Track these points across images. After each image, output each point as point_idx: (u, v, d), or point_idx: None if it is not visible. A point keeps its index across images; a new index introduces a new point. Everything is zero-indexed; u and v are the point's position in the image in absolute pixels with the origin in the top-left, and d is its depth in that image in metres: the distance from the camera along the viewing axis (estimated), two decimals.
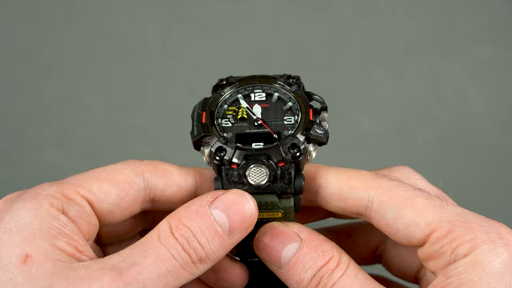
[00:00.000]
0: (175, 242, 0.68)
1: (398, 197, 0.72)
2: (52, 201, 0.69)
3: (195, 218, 0.69)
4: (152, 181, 0.75)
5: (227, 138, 0.75)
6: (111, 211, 0.74)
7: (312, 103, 0.76)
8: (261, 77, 0.79)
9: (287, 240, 0.72)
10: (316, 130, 0.74)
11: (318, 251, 0.71)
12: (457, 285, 0.67)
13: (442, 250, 0.70)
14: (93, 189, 0.72)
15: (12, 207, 0.69)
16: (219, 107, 0.77)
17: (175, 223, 0.69)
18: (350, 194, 0.74)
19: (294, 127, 0.76)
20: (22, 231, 0.67)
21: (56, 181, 0.73)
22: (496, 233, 0.69)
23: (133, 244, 0.70)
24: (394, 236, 0.73)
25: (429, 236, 0.70)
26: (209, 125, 0.76)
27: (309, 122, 0.75)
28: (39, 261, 0.66)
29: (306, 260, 0.71)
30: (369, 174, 0.75)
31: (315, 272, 0.71)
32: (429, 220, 0.70)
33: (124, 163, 0.75)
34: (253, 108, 0.77)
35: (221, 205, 0.70)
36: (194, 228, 0.69)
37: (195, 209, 0.70)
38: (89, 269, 0.66)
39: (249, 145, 0.75)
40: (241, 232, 0.71)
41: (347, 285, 0.70)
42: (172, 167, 0.77)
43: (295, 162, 0.73)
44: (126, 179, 0.74)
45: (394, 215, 0.72)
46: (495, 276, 0.67)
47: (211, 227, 0.69)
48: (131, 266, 0.66)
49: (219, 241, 0.69)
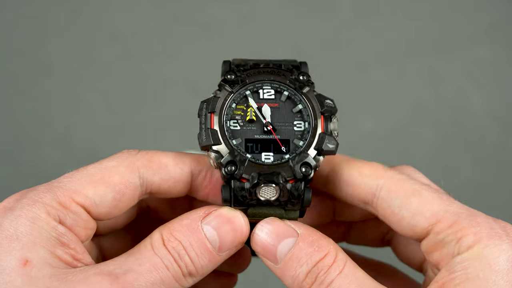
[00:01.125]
0: (167, 253, 0.69)
1: (406, 188, 0.72)
2: (49, 210, 0.69)
3: (187, 232, 0.70)
4: (148, 177, 0.75)
5: (236, 149, 0.74)
6: (108, 213, 0.74)
7: (324, 110, 0.74)
8: (271, 70, 0.76)
9: (283, 234, 0.72)
10: (328, 145, 0.73)
11: (314, 246, 0.71)
12: (461, 280, 0.67)
13: (446, 240, 0.69)
14: (89, 195, 0.71)
15: (11, 214, 0.69)
16: (228, 108, 0.75)
17: (167, 235, 0.70)
18: (359, 181, 0.74)
19: (304, 137, 0.74)
20: (22, 238, 0.67)
21: (52, 182, 0.72)
22: (502, 230, 0.69)
23: (126, 252, 0.70)
24: (399, 225, 0.72)
25: (434, 226, 0.70)
26: (218, 131, 0.74)
27: (320, 135, 0.73)
28: (38, 266, 0.67)
29: (302, 255, 0.70)
30: (380, 165, 0.75)
31: (310, 267, 0.70)
32: (435, 210, 0.70)
33: (119, 158, 0.74)
34: (262, 108, 0.76)
35: (213, 221, 0.71)
36: (185, 242, 0.70)
37: (187, 223, 0.70)
38: (86, 273, 0.67)
39: (259, 154, 0.74)
40: (231, 249, 0.72)
41: (345, 284, 0.70)
42: (167, 158, 0.76)
43: (306, 179, 0.73)
44: (121, 180, 0.73)
45: (401, 203, 0.71)
46: (502, 274, 0.66)
47: (201, 242, 0.70)
48: (126, 272, 0.67)
49: (209, 257, 0.70)
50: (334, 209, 0.84)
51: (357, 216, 0.84)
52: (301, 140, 0.74)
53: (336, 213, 0.84)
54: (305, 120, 0.75)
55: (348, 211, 0.84)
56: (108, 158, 0.75)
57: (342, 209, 0.84)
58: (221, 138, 0.74)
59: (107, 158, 0.75)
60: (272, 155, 0.74)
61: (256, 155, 0.74)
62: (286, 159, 0.73)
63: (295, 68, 0.77)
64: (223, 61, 0.77)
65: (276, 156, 0.74)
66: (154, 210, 0.84)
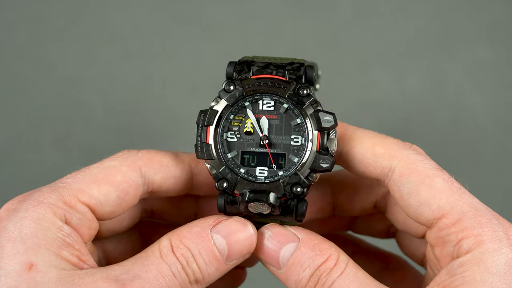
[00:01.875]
0: (175, 260, 0.69)
1: (418, 173, 0.71)
2: (55, 210, 0.69)
3: (196, 240, 0.70)
4: (149, 176, 0.75)
5: (230, 164, 0.74)
6: (112, 212, 0.74)
7: (320, 127, 0.74)
8: (271, 83, 0.75)
9: (285, 240, 0.72)
10: (322, 165, 0.73)
11: (316, 250, 0.71)
12: (460, 283, 0.67)
13: (447, 238, 0.70)
14: (94, 194, 0.72)
15: (16, 216, 0.69)
16: (225, 121, 0.76)
17: (176, 242, 0.70)
18: (372, 161, 0.73)
19: (299, 154, 0.74)
20: (26, 240, 0.67)
21: (55, 183, 0.73)
22: (504, 232, 0.69)
23: (133, 256, 0.71)
24: (406, 210, 0.73)
25: (438, 221, 0.70)
26: (212, 146, 0.75)
27: (315, 154, 0.73)
28: (44, 270, 0.67)
29: (304, 259, 0.71)
30: (395, 142, 0.74)
31: (313, 271, 0.71)
32: (442, 204, 0.70)
33: (120, 157, 0.75)
34: (260, 120, 0.76)
35: (222, 230, 0.71)
36: (194, 250, 0.70)
37: (197, 231, 0.71)
38: (93, 277, 0.67)
39: (254, 168, 0.74)
40: (239, 258, 0.72)
41: (346, 284, 0.70)
42: (168, 158, 0.77)
43: (298, 198, 0.73)
44: (124, 179, 0.74)
45: (410, 190, 0.71)
46: (499, 277, 0.67)
47: (210, 250, 0.70)
48: (134, 279, 0.68)
49: (216, 265, 0.71)
50: (334, 205, 0.84)
51: (356, 212, 0.84)
52: (296, 156, 0.74)
53: (336, 209, 0.85)
54: (302, 135, 0.75)
55: (347, 207, 0.84)
56: (110, 158, 0.75)
57: (342, 205, 0.84)
58: (214, 153, 0.75)
59: (109, 157, 0.75)
60: (267, 169, 0.75)
61: (250, 169, 0.75)
62: (278, 177, 0.74)
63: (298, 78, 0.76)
64: (229, 62, 0.77)
65: (270, 171, 0.74)
66: (159, 213, 0.85)
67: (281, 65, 0.76)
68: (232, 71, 0.76)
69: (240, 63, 0.77)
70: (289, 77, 0.76)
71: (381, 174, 0.73)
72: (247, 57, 0.78)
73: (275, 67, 0.76)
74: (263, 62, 0.76)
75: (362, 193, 0.83)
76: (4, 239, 0.68)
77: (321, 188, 0.84)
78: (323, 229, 0.87)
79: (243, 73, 0.76)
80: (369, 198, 0.83)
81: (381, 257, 0.92)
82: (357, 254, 0.90)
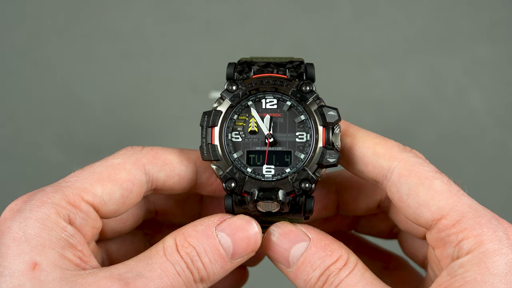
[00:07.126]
0: (180, 259, 0.69)
1: (418, 175, 0.71)
2: (59, 210, 0.69)
3: (201, 238, 0.70)
4: (153, 174, 0.75)
5: (237, 164, 0.74)
6: (116, 210, 0.74)
7: (325, 123, 0.74)
8: (273, 81, 0.76)
9: (295, 239, 0.72)
10: (329, 160, 0.73)
11: (327, 251, 0.71)
12: (461, 284, 0.67)
13: (447, 239, 0.69)
14: (98, 193, 0.72)
15: (20, 216, 0.69)
16: (229, 121, 0.75)
17: (181, 240, 0.70)
18: (373, 160, 0.73)
19: (305, 150, 0.74)
20: (31, 240, 0.67)
21: (59, 182, 0.72)
22: (504, 232, 0.69)
23: (137, 256, 0.70)
24: (404, 212, 0.72)
25: (438, 222, 0.70)
26: (218, 146, 0.75)
27: (321, 150, 0.74)
28: (48, 269, 0.67)
29: (315, 259, 0.71)
30: (396, 145, 0.74)
31: (323, 271, 0.71)
32: (441, 205, 0.70)
33: (124, 155, 0.74)
34: (264, 118, 0.76)
35: (227, 228, 0.71)
36: (199, 248, 0.70)
37: (201, 229, 0.71)
38: (96, 276, 0.67)
39: (260, 167, 0.74)
40: (244, 256, 0.72)
41: (353, 283, 0.70)
42: (172, 155, 0.76)
43: (306, 193, 0.74)
44: (128, 177, 0.73)
45: (409, 191, 0.71)
46: (499, 277, 0.67)
47: (215, 249, 0.70)
48: (137, 278, 0.67)
49: (221, 264, 0.71)
50: (338, 204, 0.84)
51: (360, 211, 0.84)
52: (302, 153, 0.75)
53: (340, 207, 0.85)
54: (307, 132, 0.75)
55: (352, 206, 0.84)
56: (113, 156, 0.75)
57: (346, 204, 0.84)
58: (220, 153, 0.74)
59: (112, 155, 0.75)
60: (274, 167, 0.75)
61: (257, 168, 0.75)
62: (286, 174, 0.74)
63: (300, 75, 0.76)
64: (228, 63, 0.77)
65: (278, 169, 0.75)
66: (163, 213, 0.85)
67: (281, 63, 0.76)
68: (232, 71, 0.76)
69: (240, 63, 0.77)
70: (290, 75, 0.76)
71: (380, 174, 0.73)
72: (245, 58, 0.78)
73: (275, 66, 0.76)
74: (263, 61, 0.77)
75: (366, 192, 0.83)
76: (9, 239, 0.68)
77: (325, 186, 0.84)
78: (326, 228, 0.87)
79: (244, 73, 0.76)
80: (373, 197, 0.83)
81: (382, 256, 0.92)
82: (358, 252, 0.90)
